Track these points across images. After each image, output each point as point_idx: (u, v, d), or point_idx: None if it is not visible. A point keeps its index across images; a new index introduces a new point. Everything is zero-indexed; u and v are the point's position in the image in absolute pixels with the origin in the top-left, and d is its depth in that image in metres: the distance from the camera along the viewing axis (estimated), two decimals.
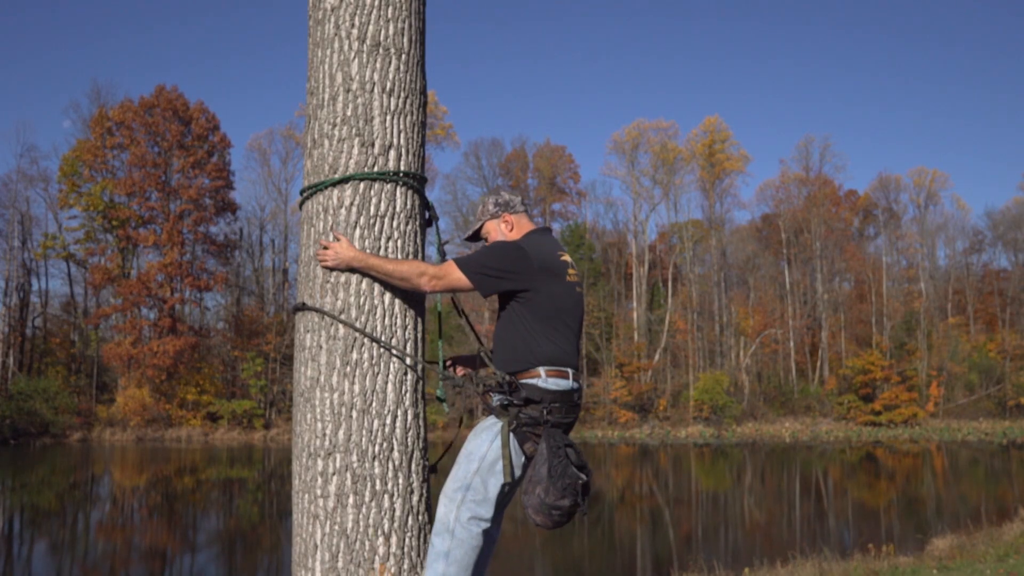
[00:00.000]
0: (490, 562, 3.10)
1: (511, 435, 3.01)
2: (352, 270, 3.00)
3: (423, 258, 3.23)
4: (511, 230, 3.37)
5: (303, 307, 3.03)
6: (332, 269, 3.02)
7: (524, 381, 3.06)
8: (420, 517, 2.99)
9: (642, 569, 12.37)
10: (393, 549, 2.88)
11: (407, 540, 2.92)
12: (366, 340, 2.95)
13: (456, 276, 3.08)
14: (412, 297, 3.08)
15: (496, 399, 3.08)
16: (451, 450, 3.36)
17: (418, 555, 2.95)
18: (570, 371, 3.13)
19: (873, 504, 21.87)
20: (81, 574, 13.80)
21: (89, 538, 17.58)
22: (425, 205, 3.30)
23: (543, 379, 3.06)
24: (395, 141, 3.08)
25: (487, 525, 2.99)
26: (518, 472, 3.04)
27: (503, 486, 3.01)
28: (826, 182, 64.69)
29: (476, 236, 3.45)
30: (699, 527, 18.07)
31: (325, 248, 3.03)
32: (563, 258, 3.25)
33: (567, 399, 3.10)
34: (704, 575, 9.83)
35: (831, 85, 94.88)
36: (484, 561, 3.05)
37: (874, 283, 60.35)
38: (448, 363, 3.47)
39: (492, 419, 3.07)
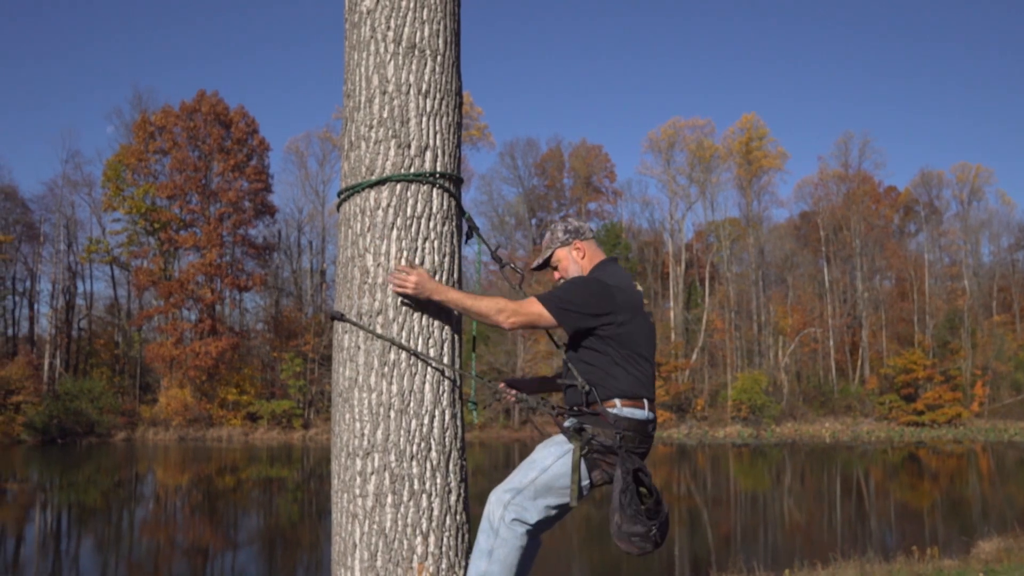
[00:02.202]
0: (532, 564, 3.10)
1: (581, 460, 3.00)
2: (429, 301, 3.00)
3: (459, 258, 3.24)
4: (583, 257, 3.37)
5: (340, 317, 3.05)
6: (409, 297, 2.99)
7: (599, 408, 3.07)
8: (458, 517, 3.00)
9: (680, 570, 12.29)
10: (431, 548, 2.89)
11: (445, 539, 2.93)
12: (404, 341, 2.97)
13: (536, 311, 3.07)
14: None
15: (568, 422, 3.10)
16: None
17: (456, 555, 2.96)
18: (646, 401, 3.14)
19: (916, 505, 21.50)
20: (126, 571, 14.06)
21: (133, 535, 17.90)
22: (461, 207, 3.31)
23: (618, 408, 3.08)
24: (431, 142, 3.09)
25: (529, 528, 2.99)
26: (574, 500, 3.02)
27: (558, 507, 3.03)
28: (865, 179, 63.74)
29: (546, 264, 3.44)
30: (738, 528, 17.91)
31: (405, 274, 2.96)
32: (637, 288, 3.28)
33: (642, 429, 3.10)
34: None
35: (870, 81, 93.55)
36: (527, 563, 3.05)
37: (916, 281, 59.29)
38: (502, 385, 3.50)
39: (563, 437, 3.08)
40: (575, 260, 3.37)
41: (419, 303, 3.00)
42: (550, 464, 3.02)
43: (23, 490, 25.05)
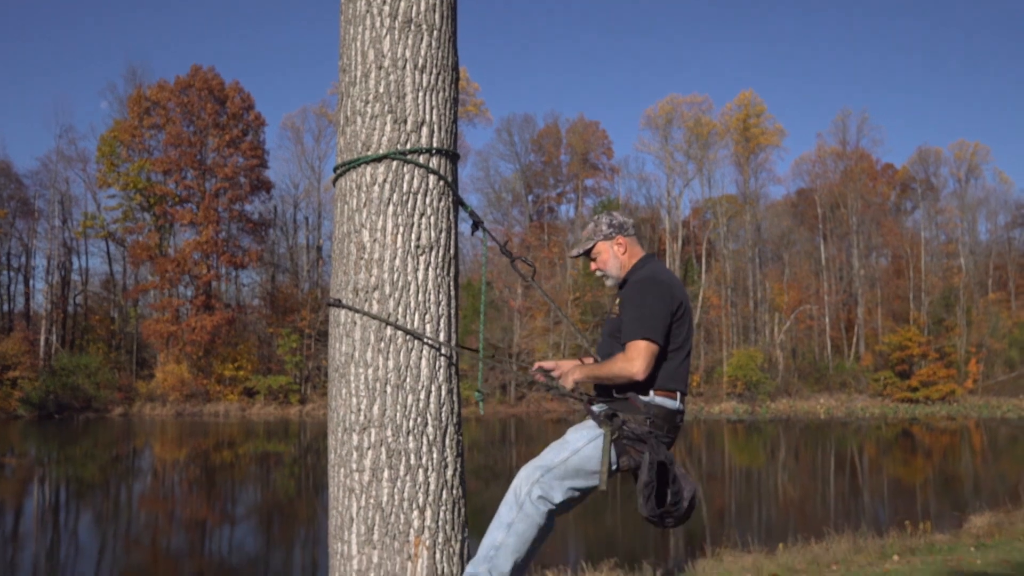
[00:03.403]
0: (542, 546, 3.15)
1: (612, 445, 3.09)
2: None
3: (456, 234, 3.23)
4: (623, 253, 3.45)
5: (337, 304, 3.05)
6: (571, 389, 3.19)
7: (630, 394, 3.16)
8: (455, 491, 3.02)
9: (675, 544, 12.39)
10: (428, 522, 2.91)
11: (442, 513, 2.95)
12: (400, 316, 2.97)
13: (646, 347, 3.12)
14: (445, 273, 3.09)
15: (599, 408, 3.16)
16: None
17: (452, 528, 2.98)
18: (679, 393, 3.23)
19: (909, 481, 21.68)
20: (124, 544, 14.15)
21: (132, 509, 18.00)
22: (457, 183, 3.30)
23: (651, 396, 3.17)
24: (427, 118, 3.08)
25: (553, 507, 3.08)
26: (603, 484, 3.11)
27: (583, 489, 3.12)
28: (863, 156, 63.64)
29: (586, 254, 3.51)
30: (732, 503, 18.05)
31: (559, 375, 3.30)
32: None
33: (671, 418, 3.19)
34: (738, 551, 9.83)
35: (869, 58, 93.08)
36: (539, 543, 3.11)
37: (912, 258, 59.39)
38: (536, 366, 3.55)
39: (594, 423, 3.15)
40: (615, 255, 3.44)
41: (418, 279, 3.00)
42: (582, 447, 3.11)
43: (21, 465, 25.14)
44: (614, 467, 3.12)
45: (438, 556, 2.92)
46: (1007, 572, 7.60)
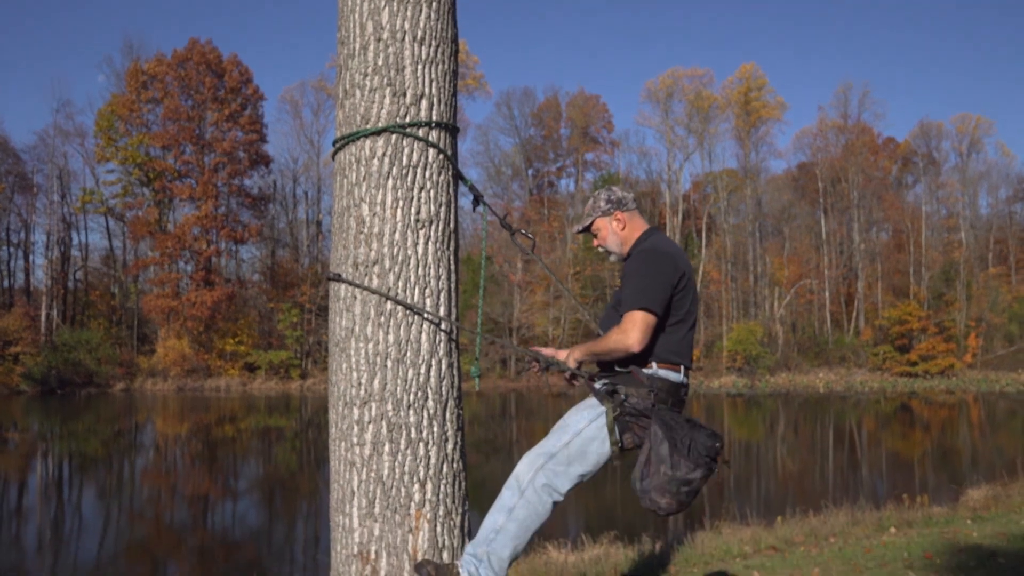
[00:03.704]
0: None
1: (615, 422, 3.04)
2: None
3: (455, 208, 3.22)
4: (622, 228, 3.40)
5: (337, 278, 3.04)
6: (573, 369, 3.17)
7: (633, 367, 3.12)
8: (455, 465, 3.03)
9: (674, 517, 12.48)
10: (429, 496, 2.93)
11: (442, 487, 2.97)
12: (400, 291, 2.97)
13: (642, 318, 3.07)
14: (445, 247, 3.08)
15: (600, 384, 3.11)
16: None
17: (453, 501, 3.00)
18: (682, 366, 3.18)
19: (907, 454, 21.79)
20: (127, 518, 14.25)
21: (134, 484, 18.12)
22: (457, 156, 3.28)
23: (653, 369, 3.12)
24: (427, 90, 3.06)
25: (559, 498, 3.04)
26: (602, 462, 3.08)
27: (591, 472, 3.08)
28: (864, 130, 63.35)
29: (586, 230, 3.48)
30: (731, 477, 18.15)
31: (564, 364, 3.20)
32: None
33: (674, 391, 3.14)
34: (736, 524, 9.90)
35: (871, 30, 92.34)
36: (537, 526, 3.09)
37: (913, 233, 59.31)
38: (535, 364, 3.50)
39: (595, 401, 3.11)
40: (614, 231, 3.40)
41: (417, 253, 3.00)
42: (583, 428, 3.06)
43: (24, 439, 25.26)
44: (619, 445, 3.06)
45: (439, 529, 2.94)
46: (1003, 544, 7.66)
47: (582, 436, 3.05)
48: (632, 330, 3.05)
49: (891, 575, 6.55)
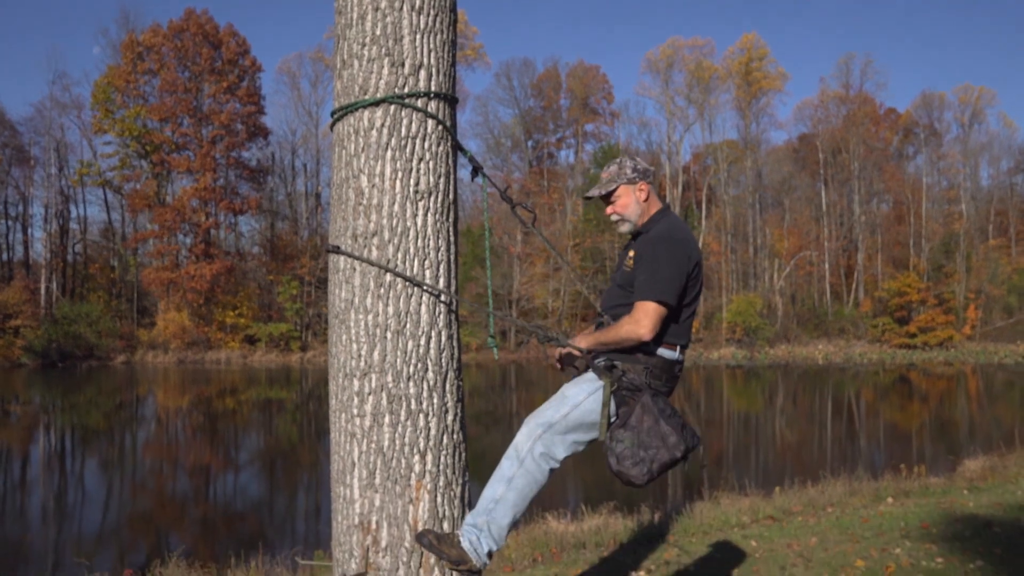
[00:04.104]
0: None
1: (611, 396, 3.11)
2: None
3: (455, 180, 3.20)
4: (645, 200, 3.40)
5: (336, 250, 3.03)
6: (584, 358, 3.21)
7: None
8: (455, 436, 3.04)
9: (673, 488, 12.57)
10: (429, 467, 2.94)
11: (443, 458, 2.98)
12: (399, 262, 2.96)
13: (654, 309, 3.10)
14: (445, 219, 3.07)
15: (600, 359, 3.16)
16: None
17: (453, 472, 3.01)
18: (679, 345, 3.23)
19: (905, 426, 21.90)
20: (130, 490, 14.35)
21: (136, 456, 18.22)
22: (456, 127, 3.25)
23: (651, 349, 3.18)
24: (425, 60, 3.02)
25: (556, 465, 3.11)
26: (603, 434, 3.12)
27: (587, 441, 3.14)
28: (866, 100, 62.99)
29: (608, 197, 3.44)
30: (730, 447, 18.26)
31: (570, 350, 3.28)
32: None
33: (669, 368, 3.20)
34: (735, 494, 9.97)
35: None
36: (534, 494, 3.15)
37: (913, 204, 59.17)
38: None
39: (593, 375, 3.18)
40: (637, 200, 3.39)
41: (416, 225, 2.98)
42: (582, 400, 3.12)
43: (26, 412, 25.38)
44: (614, 418, 3.13)
45: (439, 500, 2.95)
46: (999, 514, 7.72)
47: (580, 408, 3.12)
48: (644, 320, 3.09)
49: (888, 544, 6.61)
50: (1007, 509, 7.97)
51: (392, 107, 2.98)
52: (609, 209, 3.44)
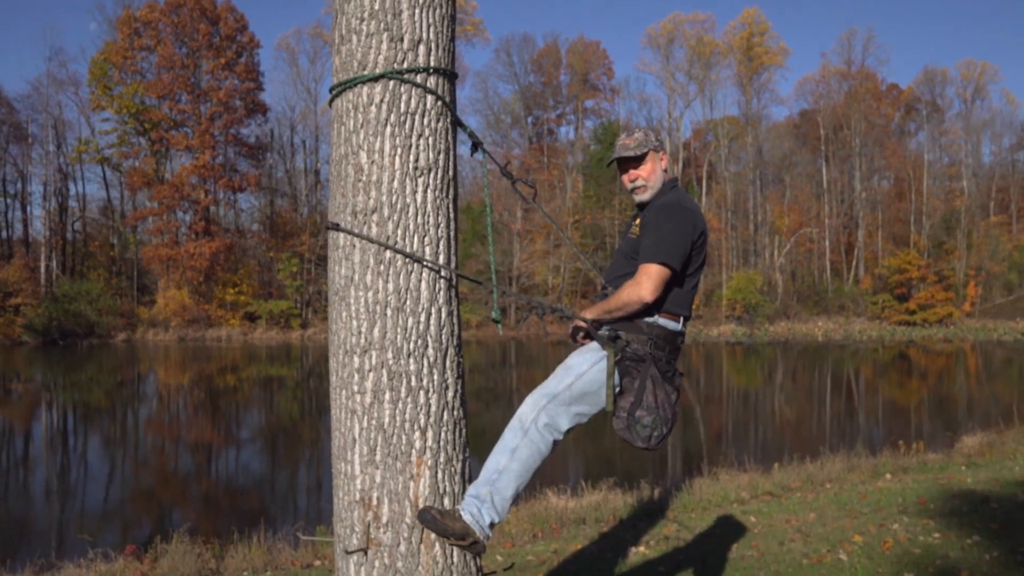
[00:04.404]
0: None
1: (615, 367, 3.13)
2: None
3: (454, 156, 3.18)
4: (664, 169, 3.44)
5: (336, 227, 3.02)
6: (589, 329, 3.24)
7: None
8: (455, 412, 3.05)
9: (672, 464, 12.64)
10: (430, 443, 2.95)
11: (443, 434, 2.99)
12: (399, 239, 2.95)
13: (657, 271, 3.12)
14: (444, 195, 3.06)
15: (604, 329, 3.17)
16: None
17: (454, 449, 3.02)
18: (682, 317, 3.27)
19: (904, 402, 21.98)
20: (132, 467, 14.43)
21: (138, 433, 18.30)
22: (455, 103, 3.23)
23: (653, 318, 3.20)
24: (424, 35, 3.00)
25: (559, 437, 3.13)
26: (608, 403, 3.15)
27: (591, 413, 3.17)
28: (868, 76, 62.62)
29: (640, 160, 3.41)
30: (730, 424, 18.34)
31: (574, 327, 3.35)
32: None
33: (671, 339, 3.23)
34: (734, 470, 10.02)
35: None
36: (537, 466, 3.17)
37: (914, 181, 59.01)
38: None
39: (597, 345, 3.19)
40: (659, 170, 3.43)
41: (416, 202, 2.97)
42: (586, 371, 3.14)
43: (28, 390, 25.46)
44: (618, 389, 3.15)
45: (440, 476, 2.96)
46: (996, 489, 7.77)
47: (584, 379, 3.13)
48: (646, 282, 3.11)
49: (885, 520, 6.65)
50: (1004, 485, 8.02)
51: (391, 83, 2.96)
52: (634, 174, 3.42)
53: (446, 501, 2.96)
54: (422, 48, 2.99)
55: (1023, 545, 5.46)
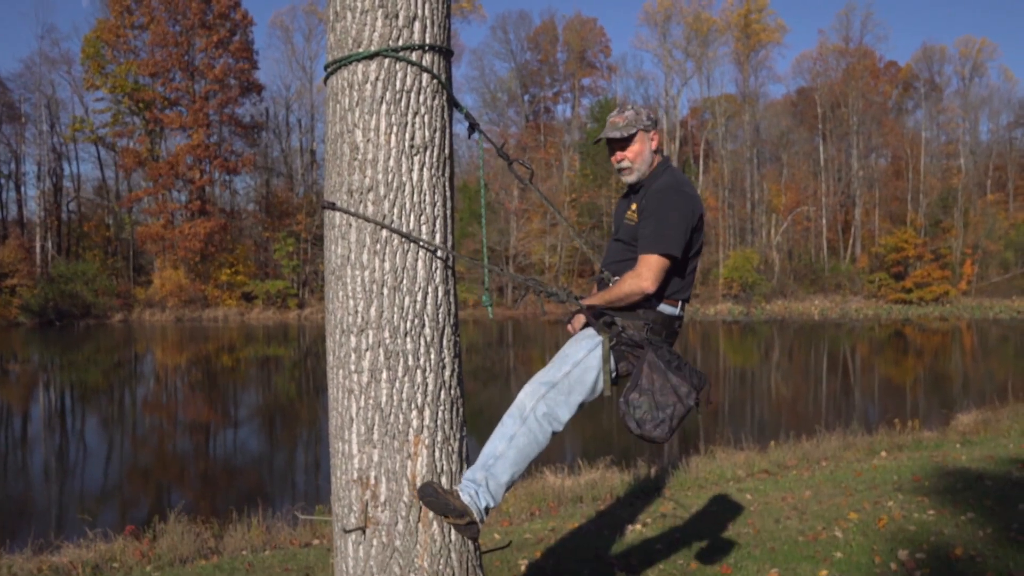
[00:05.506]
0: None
1: (611, 352, 3.11)
2: (597, 314, 3.13)
3: (450, 134, 3.16)
4: (654, 149, 3.37)
5: (332, 207, 3.00)
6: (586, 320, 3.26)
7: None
8: (452, 391, 3.05)
9: (669, 443, 12.69)
10: (427, 422, 2.95)
11: (440, 413, 2.99)
12: (395, 218, 2.94)
13: (657, 261, 3.10)
14: (440, 174, 3.04)
15: (600, 316, 3.16)
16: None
17: (451, 427, 3.03)
18: (680, 301, 3.25)
19: (900, 380, 22.06)
20: (130, 447, 14.46)
21: (136, 413, 18.33)
22: (451, 81, 3.20)
23: (652, 304, 3.18)
24: (420, 12, 2.97)
25: (559, 428, 3.11)
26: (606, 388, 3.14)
27: (590, 400, 3.15)
28: (866, 53, 62.35)
29: (628, 140, 3.34)
30: (726, 402, 18.39)
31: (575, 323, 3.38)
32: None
33: (669, 324, 3.21)
34: (731, 448, 10.07)
35: None
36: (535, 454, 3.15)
37: (912, 159, 58.91)
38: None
39: (593, 331, 3.18)
40: (649, 150, 3.36)
41: (412, 180, 2.95)
42: (582, 357, 3.13)
43: (25, 371, 25.47)
44: (614, 374, 3.14)
45: (437, 454, 2.97)
46: (990, 467, 7.81)
47: (581, 366, 3.12)
48: (647, 273, 3.09)
49: (880, 497, 6.69)
50: (998, 462, 8.06)
51: (386, 60, 2.93)
52: (620, 155, 3.35)
53: (443, 480, 2.97)
54: (417, 25, 2.96)
55: (1016, 522, 5.50)
